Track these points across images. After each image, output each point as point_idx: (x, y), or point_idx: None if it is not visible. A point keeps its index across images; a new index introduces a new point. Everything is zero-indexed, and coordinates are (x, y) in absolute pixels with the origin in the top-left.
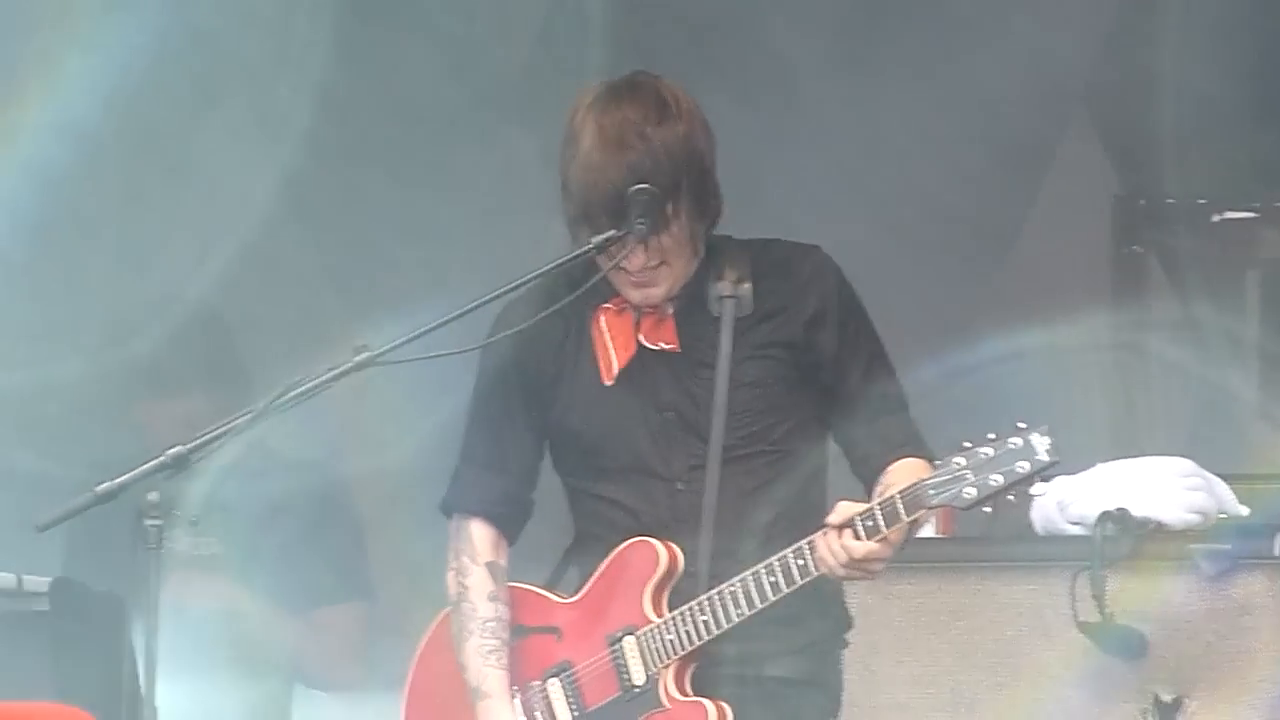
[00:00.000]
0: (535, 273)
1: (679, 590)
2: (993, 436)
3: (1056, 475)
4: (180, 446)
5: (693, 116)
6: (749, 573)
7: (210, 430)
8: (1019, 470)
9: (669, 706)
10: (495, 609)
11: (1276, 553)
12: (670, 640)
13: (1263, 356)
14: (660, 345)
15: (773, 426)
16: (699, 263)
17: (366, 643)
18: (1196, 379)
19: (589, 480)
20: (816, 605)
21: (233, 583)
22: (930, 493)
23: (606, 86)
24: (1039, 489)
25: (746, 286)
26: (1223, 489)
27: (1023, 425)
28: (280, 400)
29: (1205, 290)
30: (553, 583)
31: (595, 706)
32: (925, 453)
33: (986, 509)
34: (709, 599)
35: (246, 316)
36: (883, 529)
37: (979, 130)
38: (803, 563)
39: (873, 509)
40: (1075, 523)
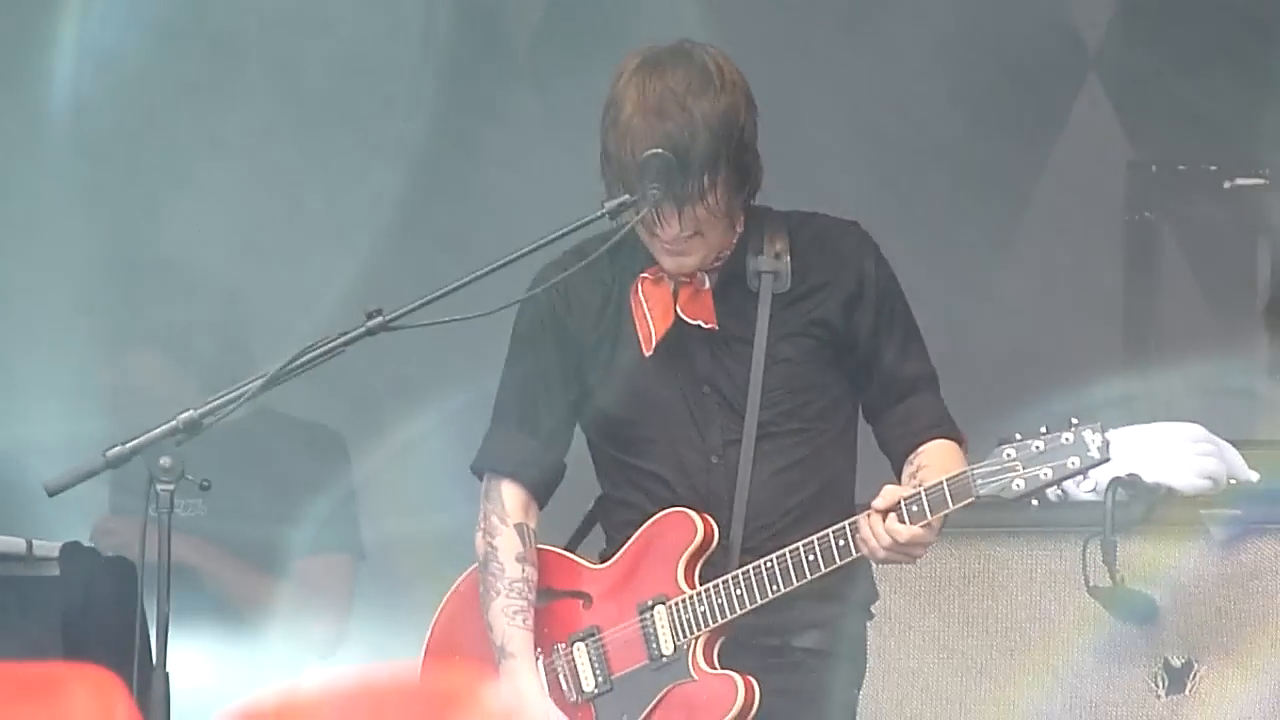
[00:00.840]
0: (555, 234)
1: (711, 563)
2: (1044, 430)
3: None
4: (192, 411)
5: (735, 88)
6: (787, 550)
7: (222, 394)
8: (1070, 466)
9: (697, 678)
10: (523, 570)
11: None
12: (703, 612)
13: (1272, 323)
14: (698, 322)
15: (808, 404)
16: (737, 236)
17: (350, 599)
18: (1208, 345)
19: (622, 449)
20: (846, 580)
21: (217, 545)
22: (979, 482)
23: (651, 53)
24: (1085, 485)
25: (785, 262)
26: (1234, 454)
27: (1075, 421)
28: (293, 365)
29: (1216, 257)
30: (572, 545)
31: (621, 673)
32: (955, 434)
33: (1034, 501)
34: (745, 574)
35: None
36: (927, 515)
37: (990, 96)
38: (844, 543)
39: (919, 494)
40: (1087, 489)
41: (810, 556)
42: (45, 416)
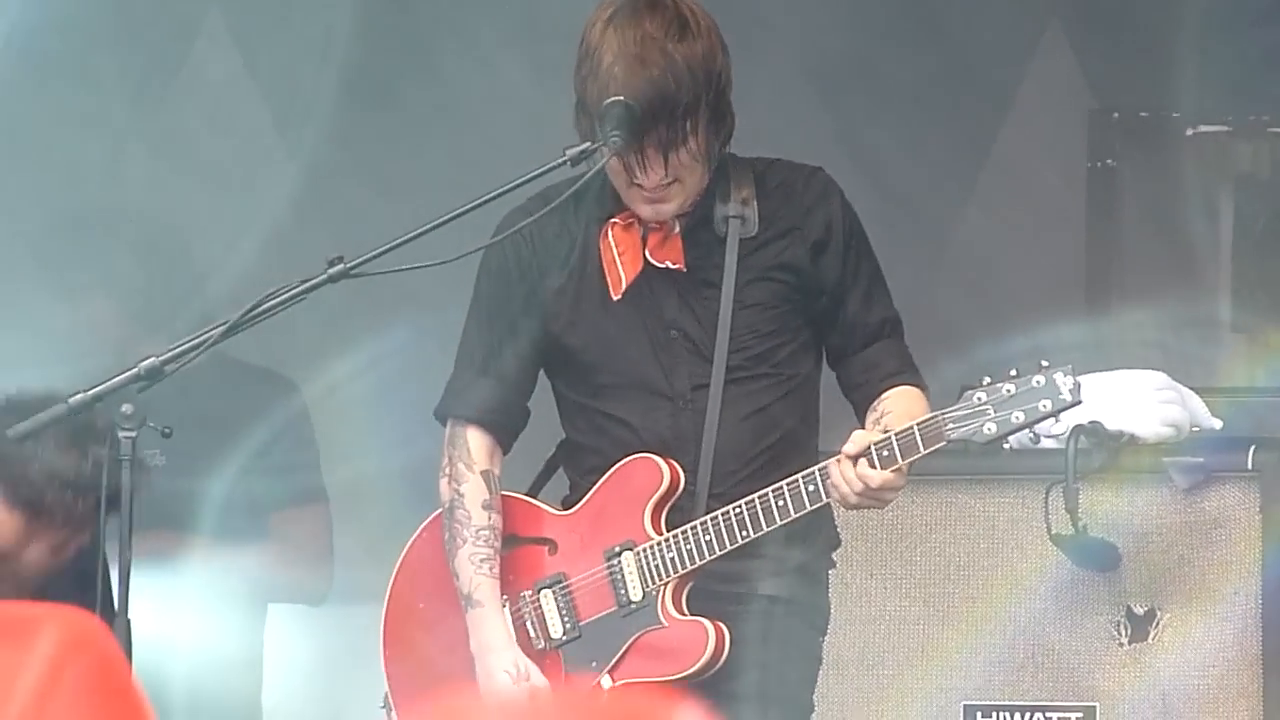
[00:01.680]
0: (517, 181)
1: (678, 508)
2: (1014, 373)
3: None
4: (154, 358)
5: (711, 33)
6: (756, 495)
7: (183, 341)
8: (1041, 409)
9: (666, 624)
10: (489, 517)
11: (1250, 466)
12: (671, 558)
13: (1236, 271)
14: (666, 264)
15: (776, 349)
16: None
17: (330, 547)
18: (1170, 292)
19: (588, 394)
20: (810, 526)
21: (181, 503)
22: (949, 426)
23: (625, 2)
24: (1055, 426)
25: (752, 207)
26: (1196, 402)
27: (1045, 364)
28: (253, 313)
29: (1179, 204)
30: (534, 491)
31: (589, 620)
32: (919, 381)
33: (1007, 444)
34: (714, 519)
35: None
36: (898, 459)
37: (949, 44)
38: (813, 488)
39: (889, 439)
40: (1049, 436)
41: (780, 502)
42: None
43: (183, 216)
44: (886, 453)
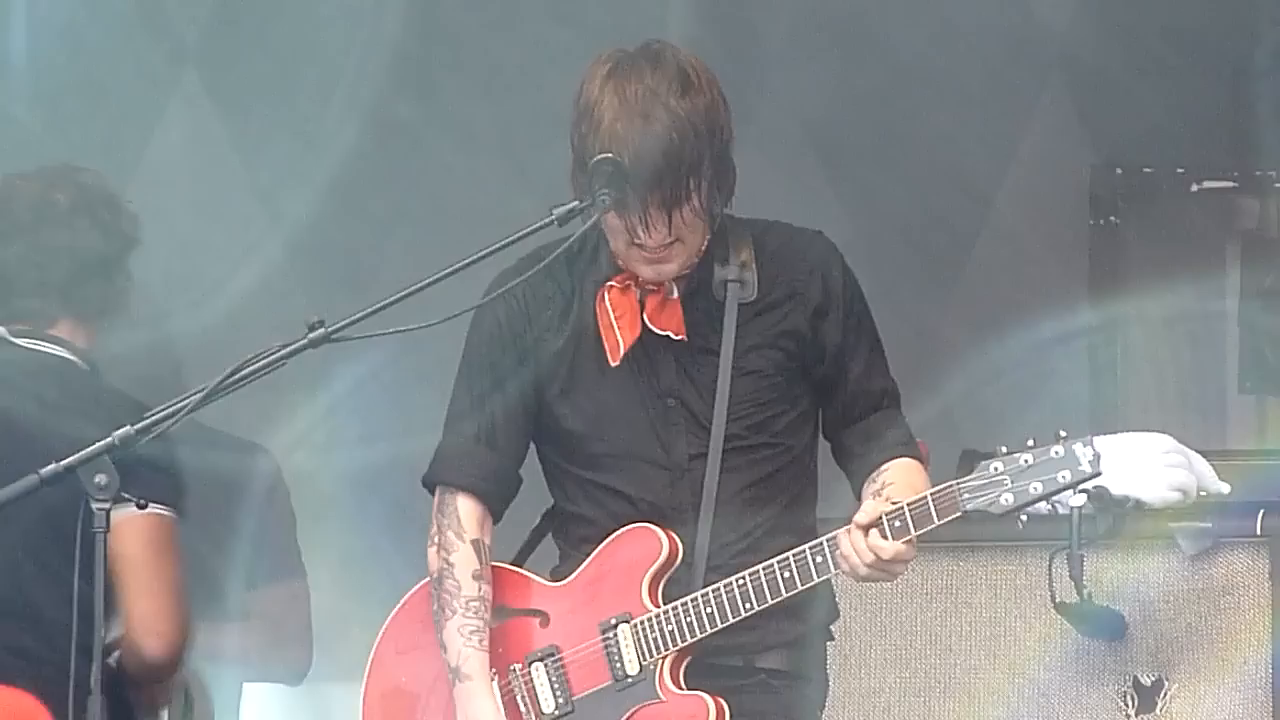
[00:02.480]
0: (505, 240)
1: (675, 580)
2: (1031, 443)
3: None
4: (128, 427)
5: (713, 87)
6: (760, 566)
7: (159, 409)
8: (1060, 480)
9: (665, 699)
10: (479, 588)
11: (1259, 531)
12: (670, 631)
13: (1243, 330)
14: (667, 332)
15: (775, 418)
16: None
17: (309, 624)
18: (1176, 353)
19: (581, 463)
20: (809, 598)
21: None
22: (965, 496)
23: (622, 56)
24: (1075, 499)
25: (751, 270)
26: (1203, 466)
27: (1064, 434)
28: (232, 378)
29: (1183, 262)
30: (520, 560)
31: (583, 694)
32: (919, 454)
33: (1022, 517)
34: (716, 591)
35: None
36: (911, 530)
37: (947, 99)
38: (822, 560)
39: (902, 509)
40: (1075, 503)
41: (786, 573)
42: None
43: (157, 283)
44: (899, 523)
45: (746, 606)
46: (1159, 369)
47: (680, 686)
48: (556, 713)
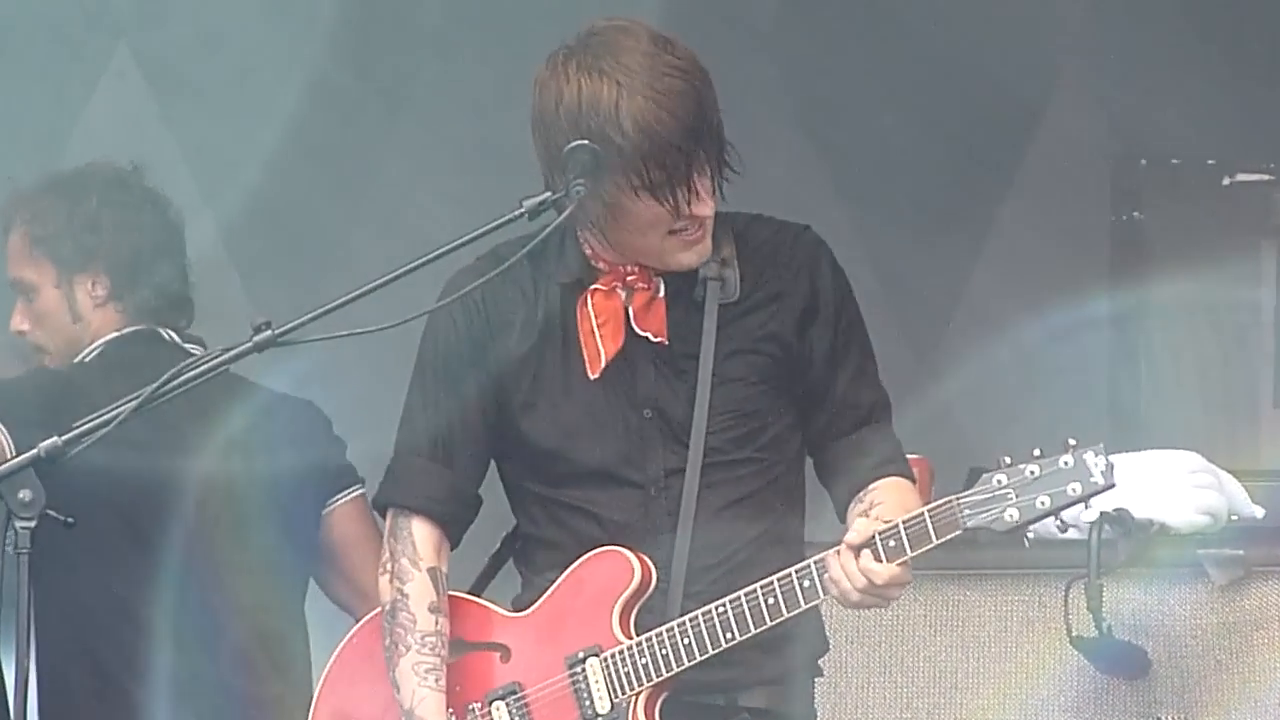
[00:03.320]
0: (466, 236)
1: (649, 609)
2: (1038, 453)
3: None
4: (55, 439)
5: (697, 58)
6: (742, 593)
7: (88, 420)
8: (1070, 493)
9: None
10: (436, 621)
11: None
12: (644, 665)
13: (1278, 338)
14: (647, 334)
15: (759, 430)
16: None
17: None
18: (1205, 362)
19: (547, 481)
20: (796, 629)
21: None
22: (966, 512)
23: (581, 42)
24: (1086, 513)
25: (733, 268)
26: (1234, 487)
27: (1073, 442)
28: (169, 385)
29: (1213, 262)
30: (478, 589)
31: None
32: (910, 474)
33: (1029, 535)
34: (694, 620)
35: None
36: (907, 551)
37: (959, 88)
38: (809, 584)
39: (897, 528)
40: (1074, 525)
41: (770, 600)
42: None
43: None
44: (893, 543)
45: (727, 637)
46: (1186, 380)
47: None
48: None
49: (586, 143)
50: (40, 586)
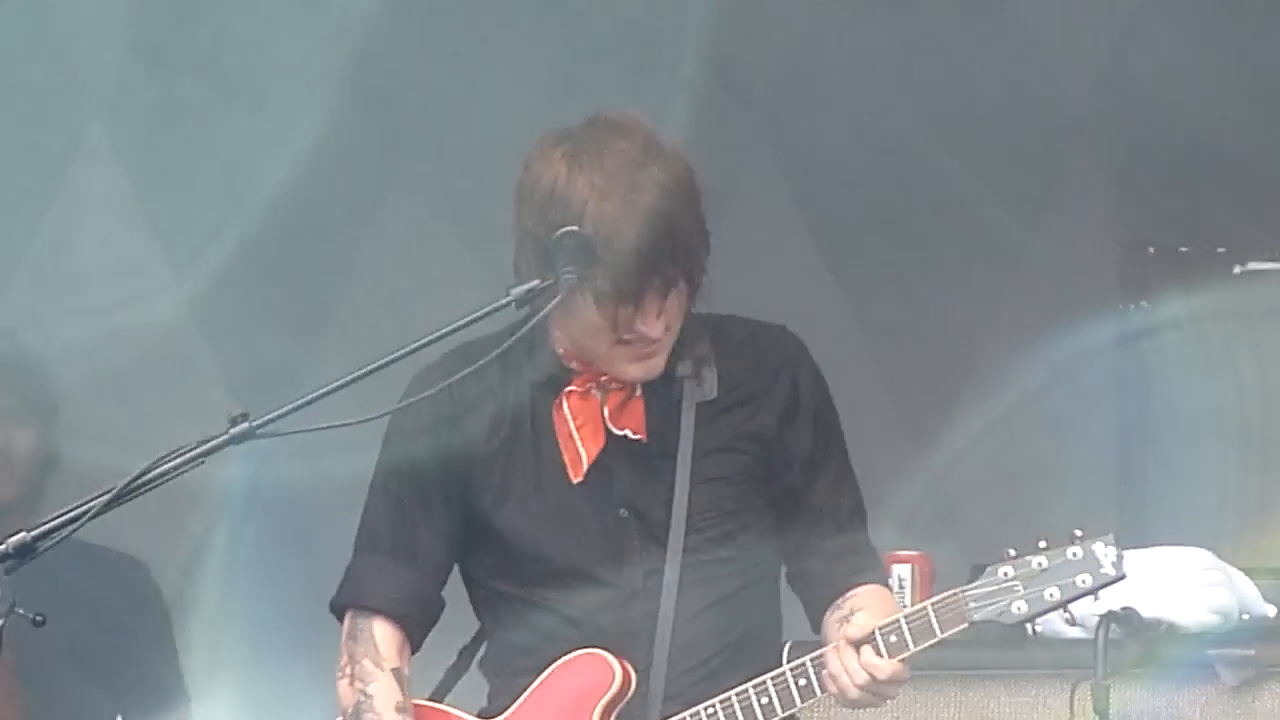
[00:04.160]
0: (453, 325)
1: (627, 714)
2: (1044, 544)
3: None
4: (24, 533)
5: (681, 148)
6: (733, 693)
7: (60, 513)
8: (1080, 584)
9: None
10: None
11: None
12: None
13: None
14: (625, 431)
15: (738, 530)
16: None
17: None
18: (1215, 458)
19: (518, 583)
20: None
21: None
22: (971, 605)
23: (577, 131)
24: (1094, 607)
25: (710, 367)
26: (1246, 585)
27: (1080, 533)
28: (143, 479)
29: (1225, 353)
30: (440, 694)
31: None
32: (885, 581)
33: (1038, 626)
34: None
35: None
36: (910, 646)
37: (961, 170)
38: (805, 682)
39: (898, 622)
40: (1074, 624)
41: (764, 699)
42: None
43: (59, 350)
44: (895, 638)
45: None
46: (1196, 476)
47: None
48: None
49: (577, 229)
50: None
